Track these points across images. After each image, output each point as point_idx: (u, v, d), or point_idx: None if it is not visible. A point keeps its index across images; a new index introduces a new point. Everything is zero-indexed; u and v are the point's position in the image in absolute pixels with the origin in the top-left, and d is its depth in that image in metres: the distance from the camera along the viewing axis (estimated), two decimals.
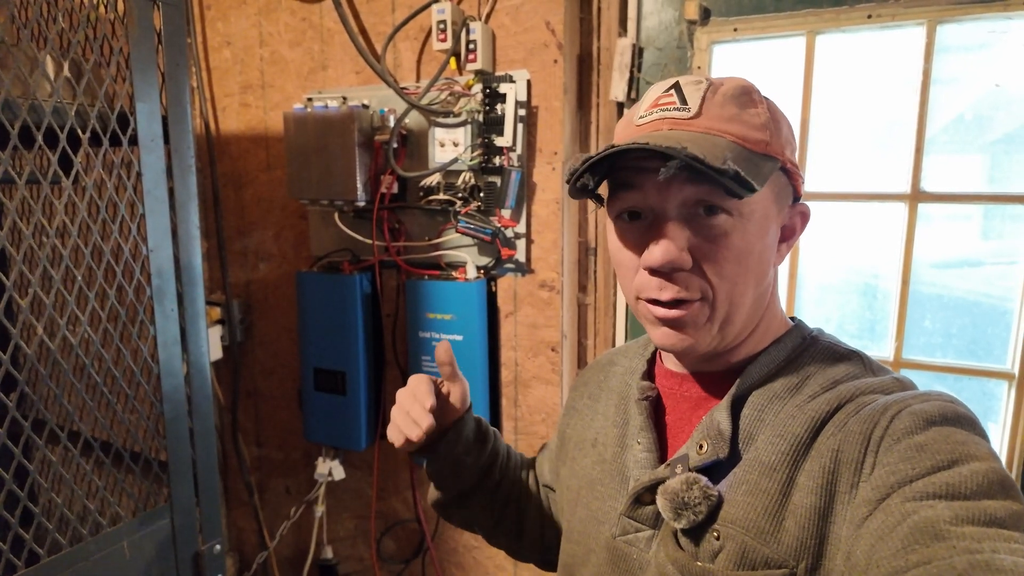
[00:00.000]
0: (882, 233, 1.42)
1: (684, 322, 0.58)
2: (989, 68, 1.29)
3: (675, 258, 0.56)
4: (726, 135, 0.55)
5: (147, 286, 0.95)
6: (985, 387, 1.39)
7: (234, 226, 1.95)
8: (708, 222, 0.56)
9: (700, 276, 0.57)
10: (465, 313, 1.56)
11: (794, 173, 0.60)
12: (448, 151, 1.55)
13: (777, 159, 0.57)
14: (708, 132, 0.56)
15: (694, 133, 0.56)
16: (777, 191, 0.59)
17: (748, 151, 0.55)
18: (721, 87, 0.58)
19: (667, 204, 0.57)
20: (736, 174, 0.51)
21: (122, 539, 0.94)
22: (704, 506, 0.56)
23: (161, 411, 0.99)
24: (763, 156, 0.56)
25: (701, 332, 0.59)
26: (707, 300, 0.58)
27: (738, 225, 0.56)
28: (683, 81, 0.59)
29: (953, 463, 0.48)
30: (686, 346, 0.60)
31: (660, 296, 0.58)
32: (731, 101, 0.57)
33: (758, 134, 0.56)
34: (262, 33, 1.80)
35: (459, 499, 0.82)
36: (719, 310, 0.58)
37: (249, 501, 2.08)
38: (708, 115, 0.56)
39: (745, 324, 0.61)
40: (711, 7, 1.43)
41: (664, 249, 0.56)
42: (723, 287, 0.57)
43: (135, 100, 0.91)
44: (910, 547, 0.44)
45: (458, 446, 0.77)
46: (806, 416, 0.56)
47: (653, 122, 0.58)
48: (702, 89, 0.57)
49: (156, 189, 0.95)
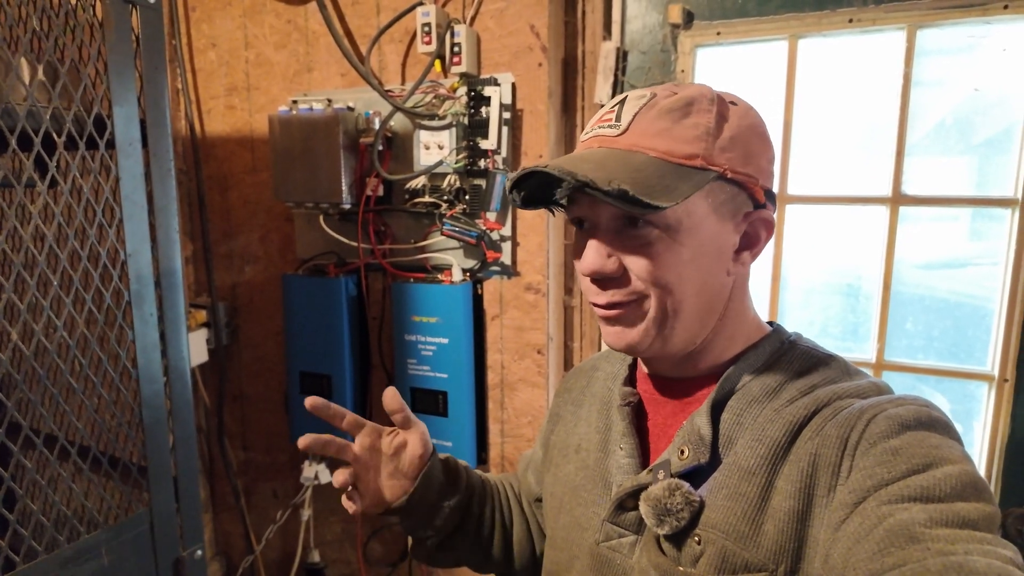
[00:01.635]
0: (865, 236, 1.43)
1: (619, 320, 0.62)
2: (969, 72, 1.31)
3: (600, 266, 0.60)
4: (648, 151, 0.57)
5: (125, 291, 0.95)
6: (966, 389, 1.40)
7: (220, 229, 1.94)
8: (633, 232, 0.59)
9: (629, 282, 0.60)
10: (451, 316, 1.56)
11: (745, 182, 0.59)
12: (433, 154, 1.55)
13: (711, 170, 0.57)
14: (631, 149, 0.58)
15: (616, 151, 0.58)
16: (719, 201, 0.59)
17: (669, 165, 0.56)
18: (665, 100, 0.59)
19: (598, 217, 0.61)
20: (623, 194, 0.52)
21: (100, 545, 0.94)
22: (686, 512, 0.56)
23: (140, 416, 0.98)
24: (689, 168, 0.56)
25: (637, 332, 0.61)
26: (640, 303, 0.60)
27: (664, 236, 0.58)
28: (631, 95, 0.61)
29: (927, 467, 0.49)
30: (626, 343, 0.62)
31: (597, 300, 0.62)
32: (666, 115, 0.58)
33: (686, 148, 0.57)
34: (247, 35, 1.80)
35: (443, 544, 0.79)
36: (651, 313, 0.60)
37: (235, 505, 2.07)
38: (635, 132, 0.58)
39: (691, 329, 0.62)
40: (694, 11, 1.44)
41: (591, 257, 0.60)
42: (654, 292, 0.59)
43: (113, 103, 0.91)
44: (886, 550, 0.44)
45: (430, 492, 0.75)
46: (784, 420, 0.57)
47: (588, 140, 0.62)
48: (640, 104, 0.59)
49: (134, 193, 0.94)
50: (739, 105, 0.61)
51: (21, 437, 0.87)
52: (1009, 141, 1.29)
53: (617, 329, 0.62)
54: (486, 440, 1.67)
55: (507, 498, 0.86)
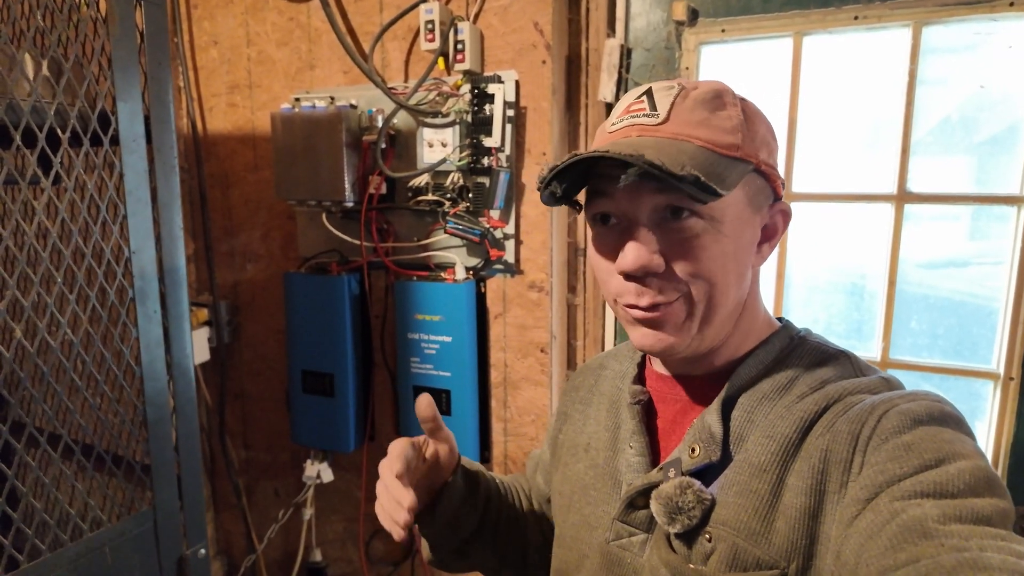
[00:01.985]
0: (869, 234, 1.43)
1: (662, 322, 0.59)
2: (974, 70, 1.30)
3: (647, 262, 0.56)
4: (694, 140, 0.56)
5: (129, 288, 0.94)
6: (971, 387, 1.40)
7: (221, 227, 1.93)
8: (678, 225, 0.57)
9: (675, 279, 0.57)
10: (454, 314, 1.55)
11: (771, 174, 0.60)
12: (436, 151, 1.55)
13: (749, 162, 0.57)
14: (675, 138, 0.56)
15: (660, 139, 0.56)
16: (752, 193, 0.59)
17: (717, 155, 0.55)
18: (693, 91, 0.58)
19: (638, 210, 0.58)
20: (695, 179, 0.51)
21: (104, 544, 0.93)
22: (698, 510, 0.56)
23: (144, 414, 0.98)
24: (733, 159, 0.56)
25: (680, 332, 0.59)
26: (685, 300, 0.58)
27: (709, 228, 0.57)
28: (655, 87, 0.59)
29: (940, 462, 0.48)
30: (664, 347, 0.60)
31: (639, 302, 0.58)
32: (701, 106, 0.57)
33: (728, 137, 0.56)
34: (249, 32, 1.79)
35: (460, 549, 0.78)
36: (697, 311, 0.58)
37: (237, 504, 2.06)
38: (676, 120, 0.57)
39: (725, 325, 0.61)
40: (699, 8, 1.43)
41: (636, 253, 0.56)
42: (700, 288, 0.57)
43: (116, 100, 0.90)
44: (899, 546, 0.44)
45: (454, 501, 0.74)
46: (795, 417, 0.56)
47: (623, 129, 0.59)
48: (672, 95, 0.58)
49: (138, 190, 0.94)
50: (750, 102, 0.61)
51: (25, 435, 0.86)
52: (1014, 138, 1.29)
53: (653, 332, 0.59)
54: (489, 439, 1.67)
55: (521, 502, 0.86)
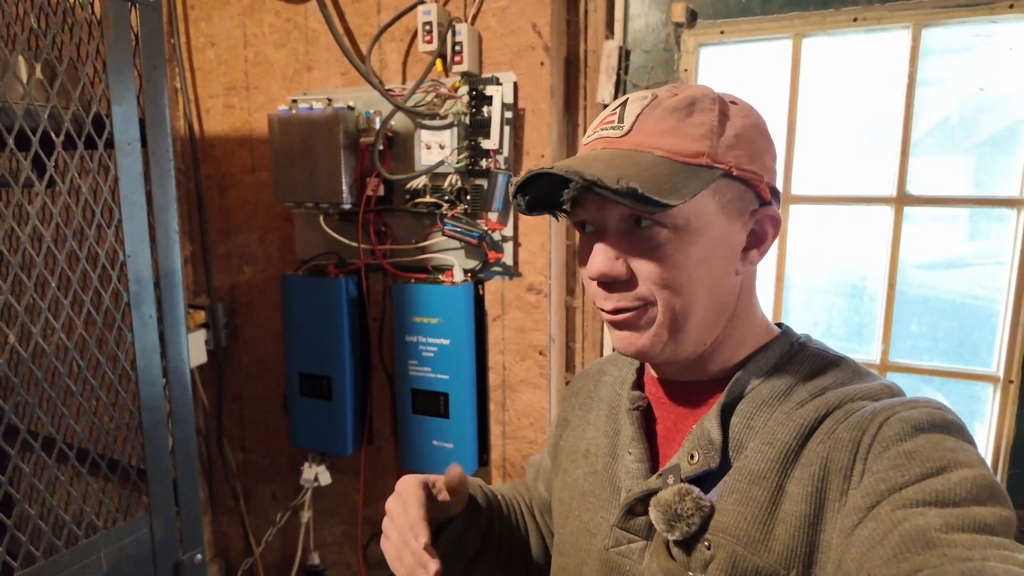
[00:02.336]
0: (868, 236, 1.42)
1: (628, 325, 0.60)
2: (974, 71, 1.30)
3: (608, 269, 0.58)
4: (654, 150, 0.56)
5: (124, 292, 0.94)
6: (971, 390, 1.39)
7: (218, 229, 1.93)
8: (642, 234, 0.58)
9: (637, 285, 0.59)
10: (452, 317, 1.55)
11: (751, 179, 0.58)
12: (434, 153, 1.54)
13: (717, 168, 0.56)
14: (636, 149, 0.57)
15: (621, 151, 0.58)
16: (727, 200, 0.58)
17: (676, 164, 0.56)
18: (668, 100, 0.58)
19: (606, 219, 0.59)
20: (632, 192, 0.52)
21: (99, 550, 0.93)
22: (697, 517, 0.55)
23: (139, 419, 0.97)
24: (696, 167, 0.56)
25: (648, 337, 0.60)
26: (648, 306, 0.59)
27: (673, 236, 0.57)
28: (632, 97, 0.60)
29: (942, 470, 0.48)
30: (636, 349, 0.61)
31: (604, 306, 0.61)
32: (671, 114, 0.57)
33: (693, 145, 0.56)
34: (246, 34, 1.78)
35: (465, 568, 0.77)
36: (663, 317, 0.59)
37: (235, 507, 2.05)
38: (639, 131, 0.58)
39: (702, 332, 0.61)
40: (698, 10, 1.43)
41: (599, 260, 0.59)
42: (662, 295, 0.58)
43: (111, 103, 0.89)
44: (901, 555, 0.43)
45: (456, 532, 0.73)
46: (795, 423, 0.56)
47: (592, 142, 0.61)
48: (643, 105, 0.59)
49: (133, 193, 0.93)
50: (740, 104, 0.61)
51: (19, 440, 0.86)
52: (1014, 140, 1.28)
53: (626, 334, 0.61)
54: (487, 442, 1.66)
55: (522, 513, 0.85)
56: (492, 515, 0.79)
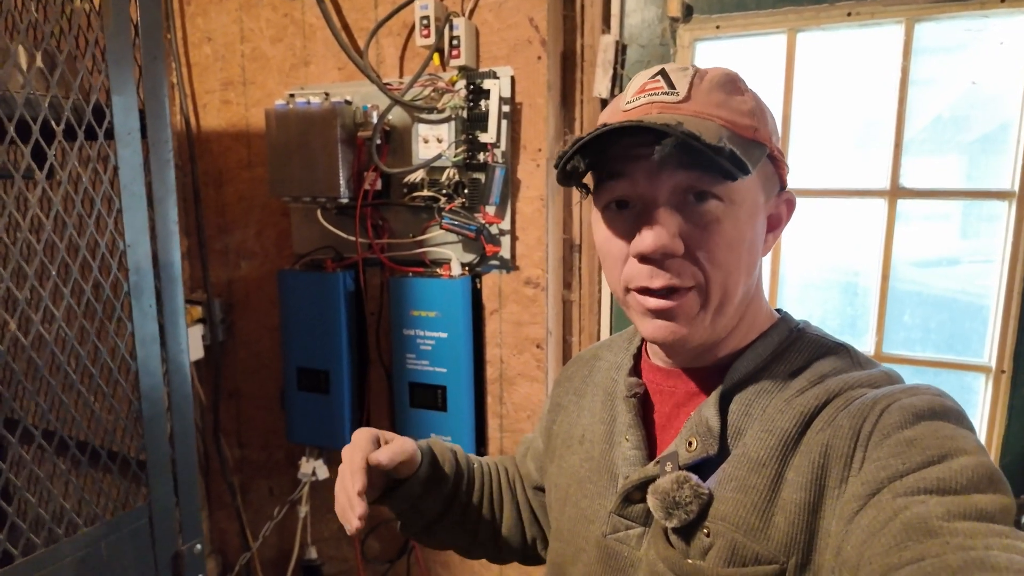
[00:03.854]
0: (862, 230, 1.43)
1: (676, 313, 0.57)
2: (966, 67, 1.31)
3: (667, 243, 0.55)
4: (715, 119, 0.55)
5: (124, 282, 0.94)
6: (963, 380, 1.41)
7: (215, 224, 1.92)
8: (699, 208, 0.56)
9: (692, 263, 0.56)
10: (450, 310, 1.55)
11: (780, 161, 0.60)
12: (432, 147, 1.55)
13: (765, 146, 0.57)
14: (698, 115, 0.55)
15: (684, 116, 0.55)
16: (764, 179, 0.59)
17: (738, 136, 0.55)
18: (707, 74, 0.58)
19: (657, 191, 0.56)
20: (732, 153, 0.50)
21: (99, 540, 0.93)
22: (695, 505, 0.55)
23: (139, 409, 0.97)
24: (752, 142, 0.56)
25: (694, 323, 0.58)
26: (700, 289, 0.57)
27: (729, 212, 0.56)
28: (669, 68, 0.59)
29: (943, 457, 0.48)
30: (678, 338, 0.58)
31: (651, 284, 0.56)
32: (718, 88, 0.57)
33: (747, 120, 0.56)
34: (243, 29, 1.78)
35: (428, 528, 0.78)
36: (712, 299, 0.57)
37: (231, 502, 2.05)
38: (697, 99, 0.56)
39: (734, 317, 0.61)
40: (694, 4, 1.44)
41: (656, 234, 0.55)
42: (717, 275, 0.56)
43: (111, 93, 0.90)
44: (903, 543, 0.43)
45: (415, 489, 0.73)
46: (794, 411, 0.56)
47: (642, 106, 0.57)
48: (689, 75, 0.57)
49: (133, 184, 0.93)
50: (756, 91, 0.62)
51: (19, 430, 0.86)
52: (1006, 135, 1.30)
53: (666, 324, 0.58)
54: (485, 435, 1.67)
55: (499, 484, 0.85)
56: (460, 482, 0.79)
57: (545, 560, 0.81)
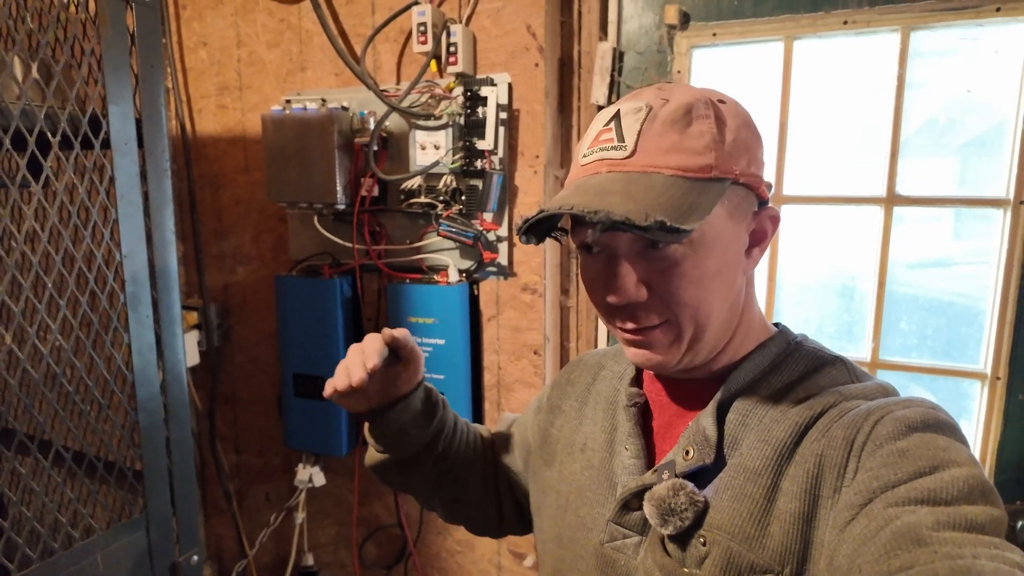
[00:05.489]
0: (859, 235, 1.44)
1: (651, 343, 0.61)
2: (961, 74, 1.32)
3: (630, 296, 0.58)
4: (664, 170, 0.55)
5: (120, 292, 0.93)
6: (959, 387, 1.42)
7: (211, 229, 1.92)
8: (658, 255, 0.57)
9: (660, 302, 0.58)
10: (447, 317, 1.55)
11: (752, 183, 0.59)
12: (429, 154, 1.54)
13: (725, 179, 0.56)
14: (645, 170, 0.56)
15: (630, 174, 0.56)
16: (733, 206, 0.58)
17: (688, 181, 0.55)
18: (663, 109, 0.57)
19: (616, 243, 0.58)
20: (661, 225, 0.51)
21: (96, 552, 0.92)
22: (690, 512, 0.56)
23: (136, 420, 0.97)
24: (707, 181, 0.55)
25: (669, 351, 0.60)
26: (671, 323, 0.59)
27: (689, 252, 0.56)
28: (624, 110, 0.58)
29: (935, 469, 0.48)
30: (654, 364, 0.62)
31: (625, 327, 0.61)
32: (671, 127, 0.56)
33: (700, 159, 0.55)
34: (239, 34, 1.78)
35: (399, 465, 0.81)
36: (685, 332, 0.59)
37: (228, 509, 2.05)
38: (644, 150, 0.56)
39: (718, 338, 0.62)
40: (690, 12, 1.44)
41: (619, 288, 0.58)
42: (684, 312, 0.58)
43: (107, 102, 0.89)
44: (892, 552, 0.44)
45: (405, 416, 0.77)
46: (790, 421, 0.57)
47: (592, 163, 0.59)
48: (640, 119, 0.57)
49: (130, 193, 0.93)
50: (727, 103, 0.60)
51: (15, 442, 0.85)
52: (1000, 143, 1.31)
53: (642, 351, 0.62)
54: None
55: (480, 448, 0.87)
56: (444, 429, 0.82)
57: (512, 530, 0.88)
